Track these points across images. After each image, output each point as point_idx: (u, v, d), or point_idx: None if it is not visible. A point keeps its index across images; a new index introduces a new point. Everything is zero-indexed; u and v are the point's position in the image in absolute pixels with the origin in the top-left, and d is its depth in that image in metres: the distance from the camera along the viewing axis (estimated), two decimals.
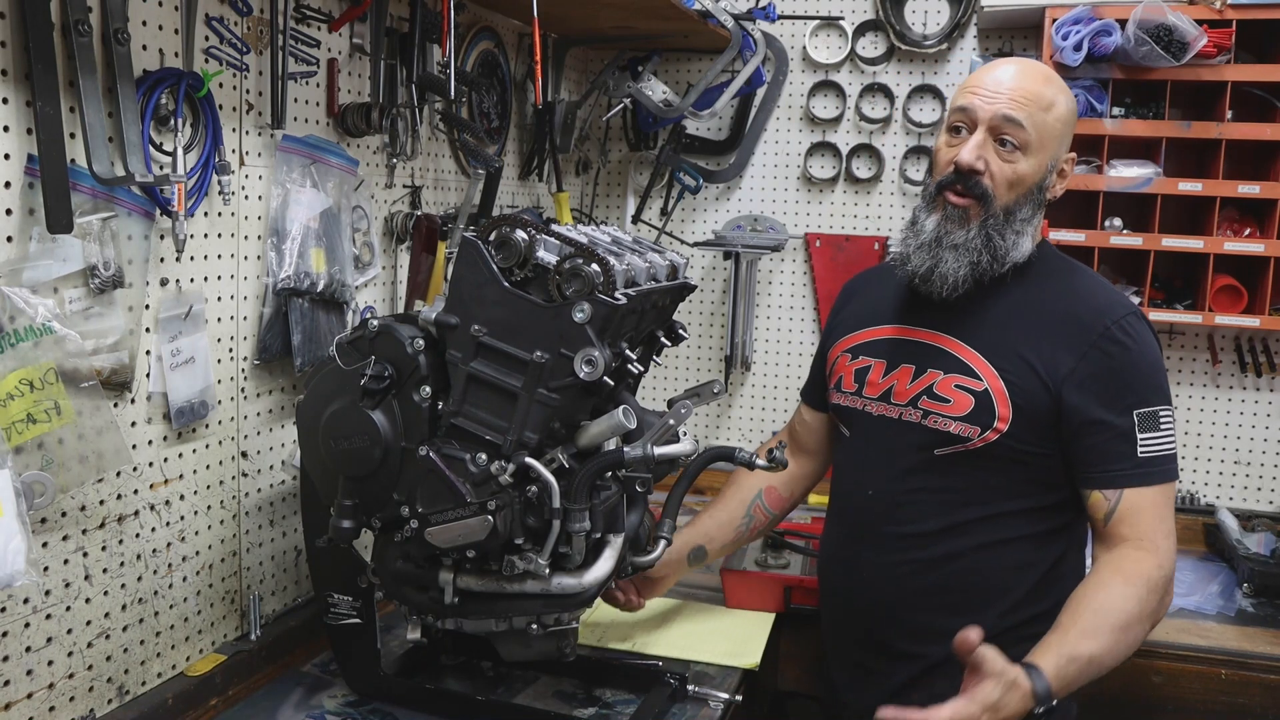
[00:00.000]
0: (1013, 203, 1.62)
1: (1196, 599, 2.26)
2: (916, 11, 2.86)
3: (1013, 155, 1.61)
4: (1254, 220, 2.54)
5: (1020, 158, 1.61)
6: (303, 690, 1.72)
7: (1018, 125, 1.59)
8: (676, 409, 1.49)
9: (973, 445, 1.62)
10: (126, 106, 1.41)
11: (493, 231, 1.45)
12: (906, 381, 1.70)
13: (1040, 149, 1.61)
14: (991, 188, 1.61)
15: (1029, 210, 1.64)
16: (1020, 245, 1.64)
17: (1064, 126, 1.65)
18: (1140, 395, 1.59)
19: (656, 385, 3.12)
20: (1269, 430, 2.73)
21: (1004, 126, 1.59)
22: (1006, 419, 1.60)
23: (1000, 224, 1.62)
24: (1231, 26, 2.41)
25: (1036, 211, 1.66)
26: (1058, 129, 1.63)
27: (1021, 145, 1.60)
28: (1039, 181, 1.63)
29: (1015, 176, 1.61)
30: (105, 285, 1.41)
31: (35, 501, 1.30)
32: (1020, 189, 1.62)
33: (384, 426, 1.47)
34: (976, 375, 1.63)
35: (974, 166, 1.60)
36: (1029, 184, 1.62)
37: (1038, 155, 1.61)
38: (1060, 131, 1.64)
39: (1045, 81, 1.63)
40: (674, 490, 1.72)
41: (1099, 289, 1.69)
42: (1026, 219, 1.64)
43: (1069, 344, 1.61)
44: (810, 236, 2.99)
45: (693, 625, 2.02)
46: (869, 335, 1.80)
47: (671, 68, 3.05)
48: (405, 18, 2.09)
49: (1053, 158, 1.64)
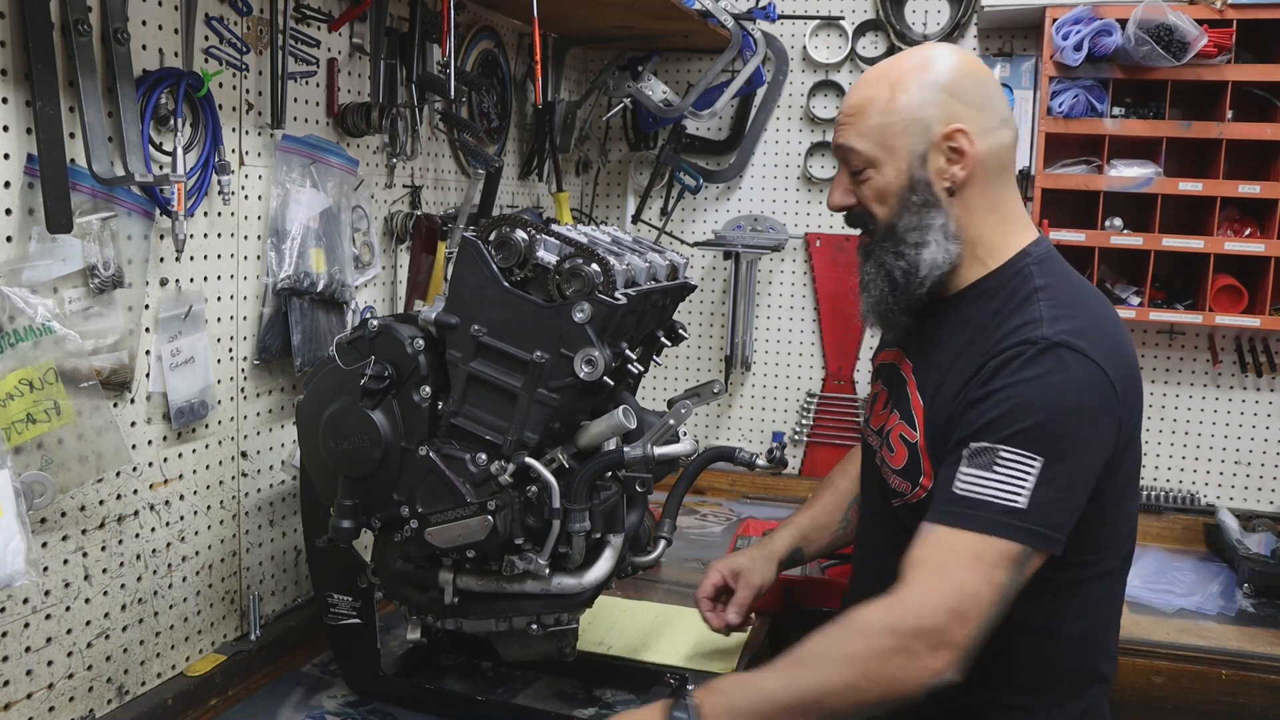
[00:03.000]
0: (891, 215, 1.49)
1: (1197, 599, 2.25)
2: (917, 11, 2.86)
3: (865, 175, 1.49)
4: (1254, 220, 2.53)
5: (872, 174, 1.49)
6: (302, 690, 1.72)
7: (850, 149, 1.49)
8: (676, 409, 1.49)
9: (909, 500, 1.51)
10: (126, 106, 1.41)
11: (493, 231, 1.45)
12: (886, 420, 1.60)
13: (889, 153, 1.47)
14: (867, 214, 1.52)
15: (915, 216, 1.48)
16: (923, 254, 1.47)
17: (907, 114, 1.46)
18: (992, 430, 1.36)
19: (656, 385, 3.12)
20: (1269, 430, 2.72)
21: (845, 156, 1.51)
22: (930, 475, 1.47)
23: (887, 244, 1.50)
24: (1232, 26, 2.41)
25: (928, 212, 1.48)
26: (900, 121, 1.46)
27: (867, 163, 1.49)
28: (906, 184, 1.47)
29: (875, 193, 1.49)
30: (105, 285, 1.41)
31: (35, 501, 1.30)
32: (890, 200, 1.48)
33: (384, 426, 1.47)
34: (913, 423, 1.51)
35: (842, 204, 1.54)
36: (894, 192, 1.48)
37: (889, 162, 1.47)
38: (904, 121, 1.46)
39: (873, 83, 1.50)
40: (674, 490, 1.72)
41: (1048, 312, 1.41)
42: (916, 226, 1.48)
43: (973, 363, 1.43)
44: (810, 236, 2.99)
45: (674, 630, 1.98)
46: (882, 358, 1.71)
47: (671, 68, 3.05)
48: (405, 17, 2.09)
49: (911, 152, 1.46)
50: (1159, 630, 2.12)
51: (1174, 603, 2.24)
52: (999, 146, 1.48)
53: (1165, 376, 2.78)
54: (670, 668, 1.80)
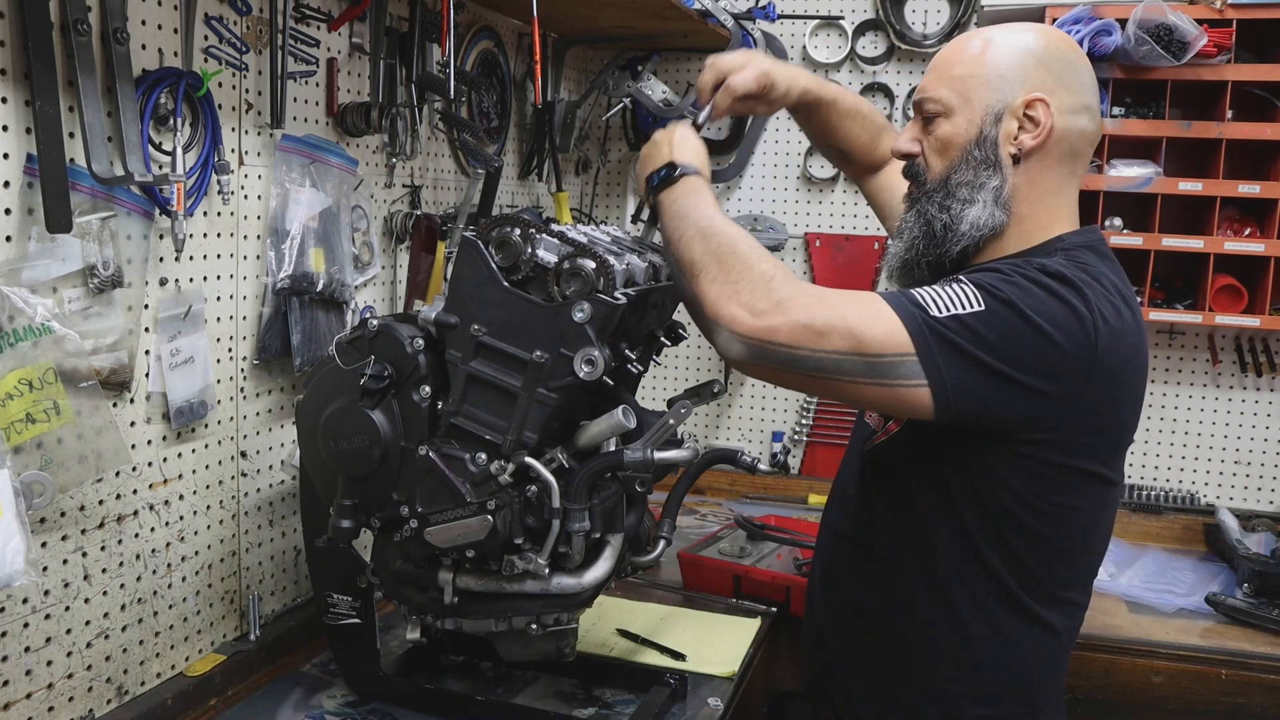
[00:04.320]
0: (946, 170, 1.44)
1: (1197, 599, 2.25)
2: (916, 11, 2.86)
3: (935, 124, 1.45)
4: (1254, 220, 2.53)
5: (943, 123, 1.44)
6: (302, 690, 1.72)
7: (928, 96, 1.45)
8: (676, 409, 1.49)
9: (878, 439, 1.51)
10: (126, 106, 1.41)
11: (492, 231, 1.45)
12: None
13: (965, 104, 1.42)
14: (924, 165, 1.47)
15: (971, 172, 1.42)
16: (968, 213, 1.42)
17: (998, 70, 1.42)
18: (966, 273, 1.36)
19: (656, 385, 3.12)
20: (1269, 430, 2.72)
21: (923, 104, 1.47)
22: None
23: (935, 195, 1.45)
24: (1231, 26, 2.41)
25: (985, 171, 1.42)
26: (985, 75, 1.42)
27: (942, 111, 1.44)
28: (974, 137, 1.42)
29: (940, 142, 1.44)
30: (104, 285, 1.41)
31: (34, 501, 1.29)
32: (951, 153, 1.44)
33: (383, 426, 1.47)
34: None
35: (906, 150, 1.49)
36: (960, 144, 1.43)
37: (963, 112, 1.43)
38: (990, 76, 1.42)
39: (968, 38, 1.47)
40: (674, 490, 1.72)
41: (1064, 262, 1.38)
42: (969, 182, 1.42)
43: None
44: (810, 236, 2.99)
45: (676, 633, 1.98)
46: None
47: (671, 67, 3.05)
48: (405, 17, 2.09)
49: (987, 107, 1.42)
50: (1159, 630, 2.12)
51: (1174, 603, 2.24)
52: (1076, 130, 1.42)
53: (1165, 376, 2.78)
54: (670, 668, 1.80)
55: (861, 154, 1.84)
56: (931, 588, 1.44)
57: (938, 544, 1.42)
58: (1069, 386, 1.30)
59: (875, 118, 1.83)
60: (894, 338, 1.26)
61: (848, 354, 1.27)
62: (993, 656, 1.43)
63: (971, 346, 1.26)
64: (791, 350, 1.27)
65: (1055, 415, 1.31)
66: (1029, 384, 1.28)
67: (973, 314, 1.27)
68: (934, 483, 1.41)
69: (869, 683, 1.53)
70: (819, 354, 1.27)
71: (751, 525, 2.42)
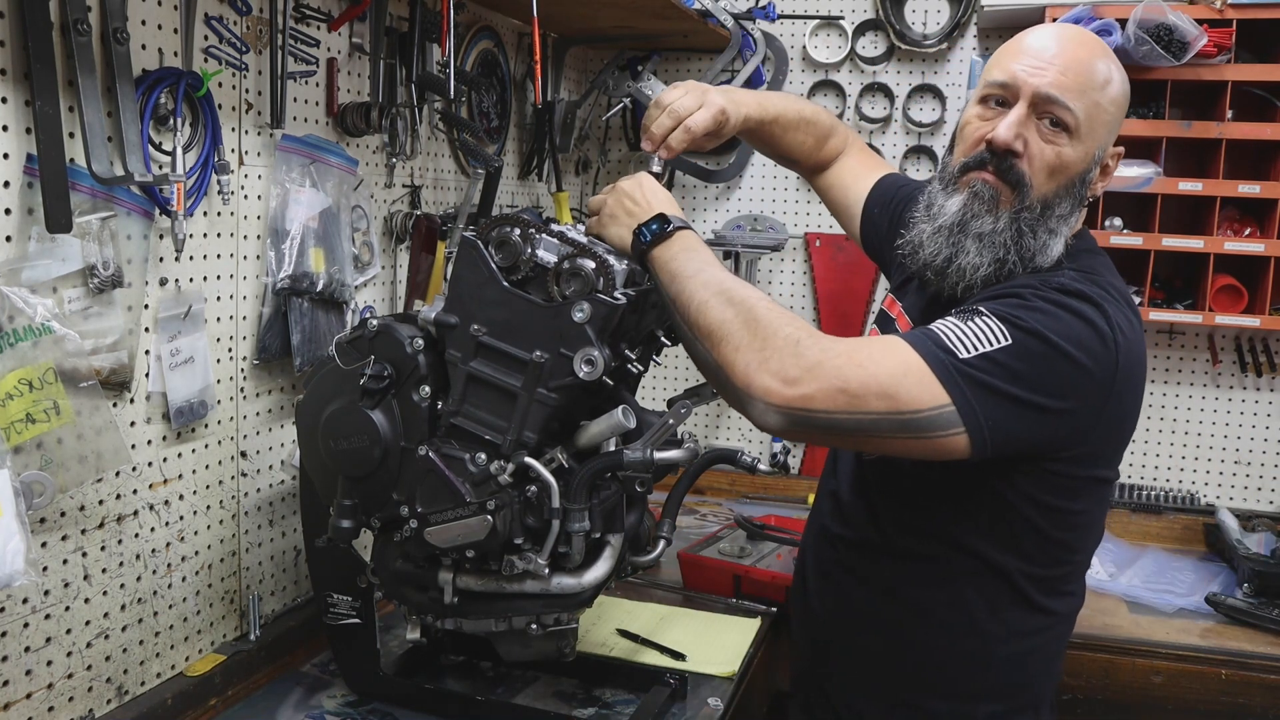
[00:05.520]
0: (1052, 194, 1.37)
1: (1197, 599, 2.25)
2: (916, 11, 2.86)
3: (1057, 137, 1.35)
4: (1254, 220, 2.53)
5: (1066, 141, 1.35)
6: (302, 690, 1.72)
7: (1066, 104, 1.34)
8: (676, 409, 1.49)
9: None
10: (125, 106, 1.41)
11: (492, 231, 1.45)
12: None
13: (1089, 134, 1.36)
14: (1029, 174, 1.36)
15: (1068, 206, 1.38)
16: (1051, 248, 1.37)
17: (1116, 111, 1.39)
18: (985, 301, 1.32)
19: (656, 385, 3.12)
20: (1269, 430, 2.72)
21: (1050, 104, 1.34)
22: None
23: (1035, 218, 1.36)
24: (1231, 26, 2.41)
25: (1075, 209, 1.40)
26: (1110, 113, 1.37)
27: (1069, 127, 1.34)
28: (1083, 173, 1.37)
29: (1059, 162, 1.35)
30: (104, 285, 1.41)
31: (34, 501, 1.29)
32: (1062, 178, 1.36)
33: (383, 426, 1.47)
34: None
35: (1011, 146, 1.35)
36: (1072, 174, 1.36)
37: (1085, 142, 1.36)
38: (1112, 117, 1.38)
39: (1102, 55, 1.38)
40: (674, 490, 1.72)
41: (1076, 277, 1.36)
42: (1064, 216, 1.38)
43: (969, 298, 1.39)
44: (810, 236, 2.99)
45: (676, 633, 1.98)
46: (894, 308, 1.63)
47: (671, 67, 3.05)
48: (405, 17, 2.09)
49: (1101, 146, 1.38)
50: (1159, 630, 2.12)
51: (1174, 603, 2.24)
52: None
53: (1165, 376, 2.78)
54: (670, 668, 1.80)
55: (806, 159, 1.86)
56: (942, 590, 1.45)
57: (952, 550, 1.43)
58: (1096, 403, 1.30)
59: (820, 122, 1.82)
60: (928, 390, 1.23)
61: (885, 414, 1.23)
62: (1003, 654, 1.45)
63: (1003, 384, 1.24)
64: (829, 415, 1.23)
65: (1082, 432, 1.32)
66: (1060, 408, 1.28)
67: (1001, 349, 1.24)
68: (950, 496, 1.41)
69: (871, 682, 1.53)
70: (856, 416, 1.23)
71: (751, 525, 2.43)
